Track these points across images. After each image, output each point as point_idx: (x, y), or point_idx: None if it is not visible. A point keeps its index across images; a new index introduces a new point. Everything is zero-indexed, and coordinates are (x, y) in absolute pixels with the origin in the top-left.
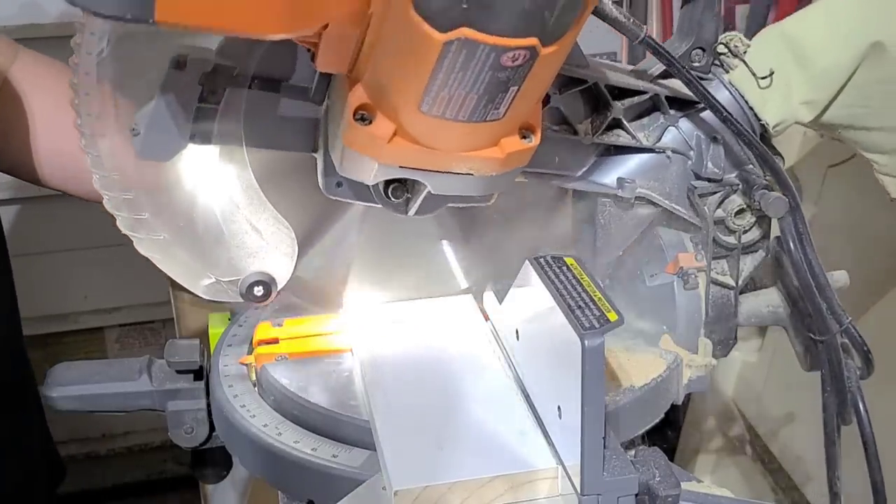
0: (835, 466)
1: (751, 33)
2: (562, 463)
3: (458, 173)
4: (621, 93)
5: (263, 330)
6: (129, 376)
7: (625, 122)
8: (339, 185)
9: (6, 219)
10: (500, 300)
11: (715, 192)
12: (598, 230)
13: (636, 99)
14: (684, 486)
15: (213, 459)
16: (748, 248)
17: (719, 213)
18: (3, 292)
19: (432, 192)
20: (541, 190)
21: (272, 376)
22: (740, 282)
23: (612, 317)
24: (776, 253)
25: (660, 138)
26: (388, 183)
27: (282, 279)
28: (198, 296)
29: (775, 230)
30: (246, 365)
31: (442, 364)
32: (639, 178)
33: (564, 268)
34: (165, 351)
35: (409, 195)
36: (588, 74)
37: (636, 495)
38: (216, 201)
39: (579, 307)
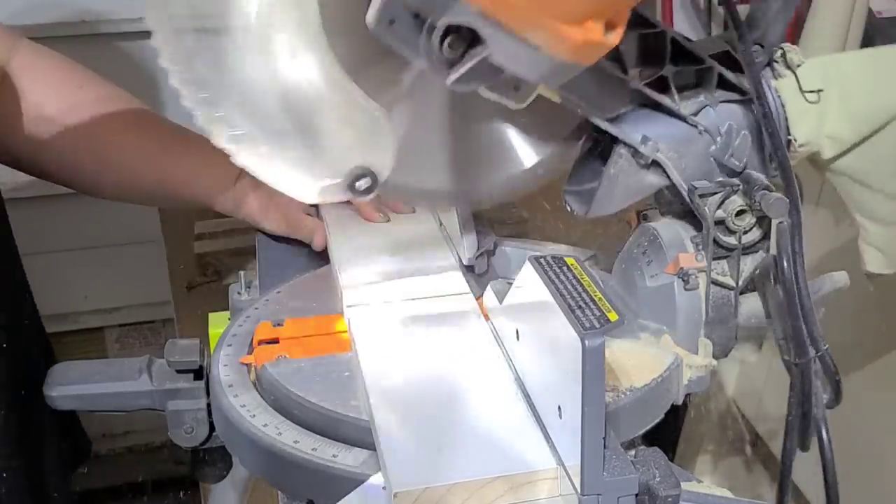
0: (786, 491)
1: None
2: (562, 463)
3: (526, 44)
4: (675, 56)
5: (263, 330)
6: (129, 376)
7: (672, 85)
8: (391, 22)
9: None
10: (500, 300)
11: (715, 193)
12: (603, 178)
13: (687, 68)
14: (684, 486)
15: (213, 459)
16: (748, 249)
17: (720, 213)
18: (16, 288)
19: (490, 57)
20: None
21: (272, 376)
22: (740, 282)
23: (613, 317)
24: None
25: (695, 115)
26: (445, 35)
27: (384, 170)
28: (192, 287)
29: (775, 231)
30: (246, 365)
31: (442, 364)
32: (662, 143)
33: (564, 268)
34: (165, 351)
35: (463, 54)
36: (659, 22)
37: (636, 495)
38: (305, 98)
39: (579, 307)
